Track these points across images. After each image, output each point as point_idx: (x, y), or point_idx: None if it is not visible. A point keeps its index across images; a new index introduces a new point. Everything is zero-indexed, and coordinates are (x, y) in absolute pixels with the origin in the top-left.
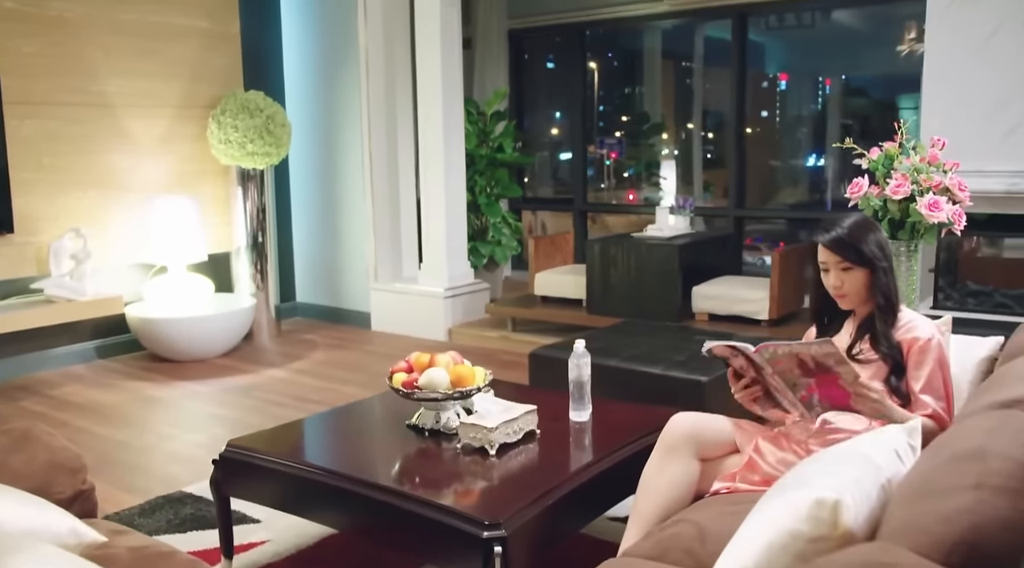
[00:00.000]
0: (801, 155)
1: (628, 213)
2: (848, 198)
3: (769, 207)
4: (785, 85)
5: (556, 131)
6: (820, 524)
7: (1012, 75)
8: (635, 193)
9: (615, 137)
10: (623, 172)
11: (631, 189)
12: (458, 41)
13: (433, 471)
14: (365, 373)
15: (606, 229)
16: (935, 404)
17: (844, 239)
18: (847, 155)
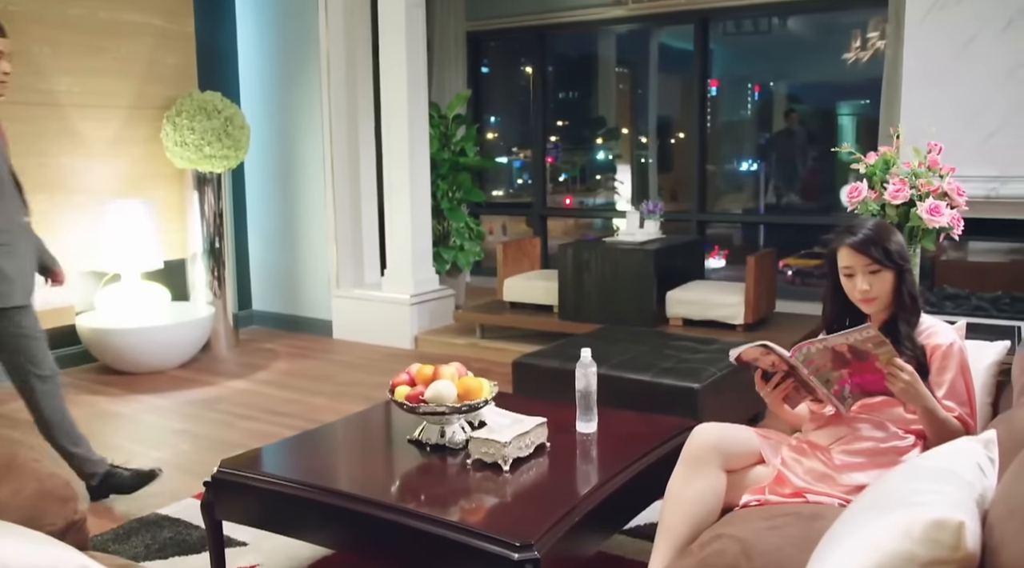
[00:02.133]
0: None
1: (590, 217)
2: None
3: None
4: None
5: (514, 135)
6: (939, 547)
7: (990, 81)
8: (571, 198)
9: (551, 142)
10: (558, 176)
11: (568, 194)
12: (422, 42)
13: (447, 489)
14: (332, 383)
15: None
16: (959, 409)
17: (873, 239)
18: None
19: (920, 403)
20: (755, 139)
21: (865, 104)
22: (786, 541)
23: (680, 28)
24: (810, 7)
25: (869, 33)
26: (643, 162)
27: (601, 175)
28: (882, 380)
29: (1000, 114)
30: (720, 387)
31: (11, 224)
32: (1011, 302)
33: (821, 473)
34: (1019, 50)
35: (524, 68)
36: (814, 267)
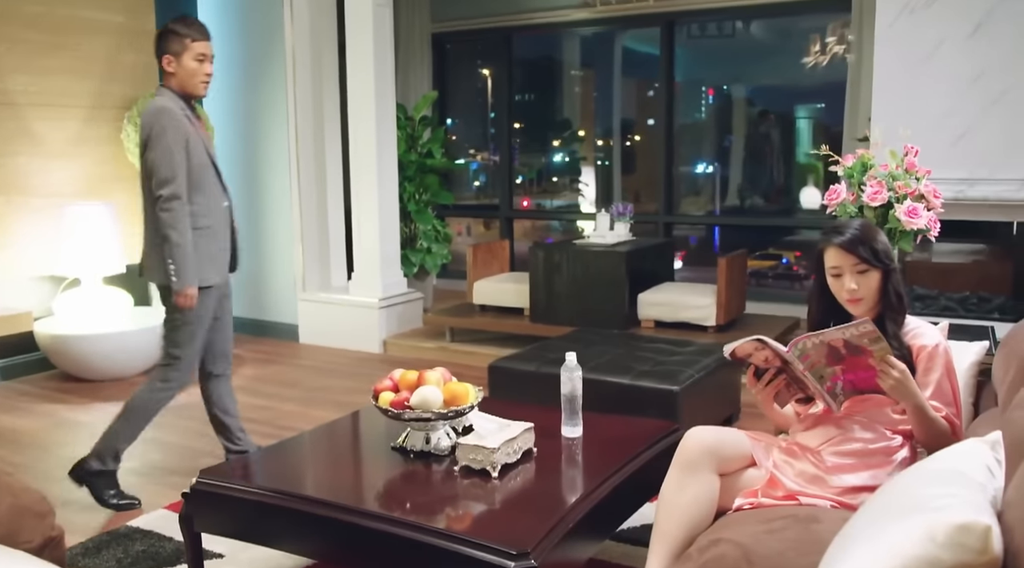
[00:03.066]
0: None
1: (556, 219)
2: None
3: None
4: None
5: (475, 137)
6: (965, 551)
7: (957, 85)
8: (528, 200)
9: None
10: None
11: (525, 196)
12: (390, 43)
13: (435, 497)
14: (302, 388)
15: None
16: (946, 409)
17: (861, 239)
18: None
19: (910, 401)
20: (713, 142)
21: (821, 108)
22: (785, 545)
23: (641, 31)
24: (773, 11)
25: (828, 38)
26: (604, 164)
27: (559, 177)
28: (874, 377)
29: (967, 118)
30: (698, 389)
31: (211, 209)
32: (979, 302)
33: (812, 475)
34: (985, 56)
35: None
36: (769, 268)
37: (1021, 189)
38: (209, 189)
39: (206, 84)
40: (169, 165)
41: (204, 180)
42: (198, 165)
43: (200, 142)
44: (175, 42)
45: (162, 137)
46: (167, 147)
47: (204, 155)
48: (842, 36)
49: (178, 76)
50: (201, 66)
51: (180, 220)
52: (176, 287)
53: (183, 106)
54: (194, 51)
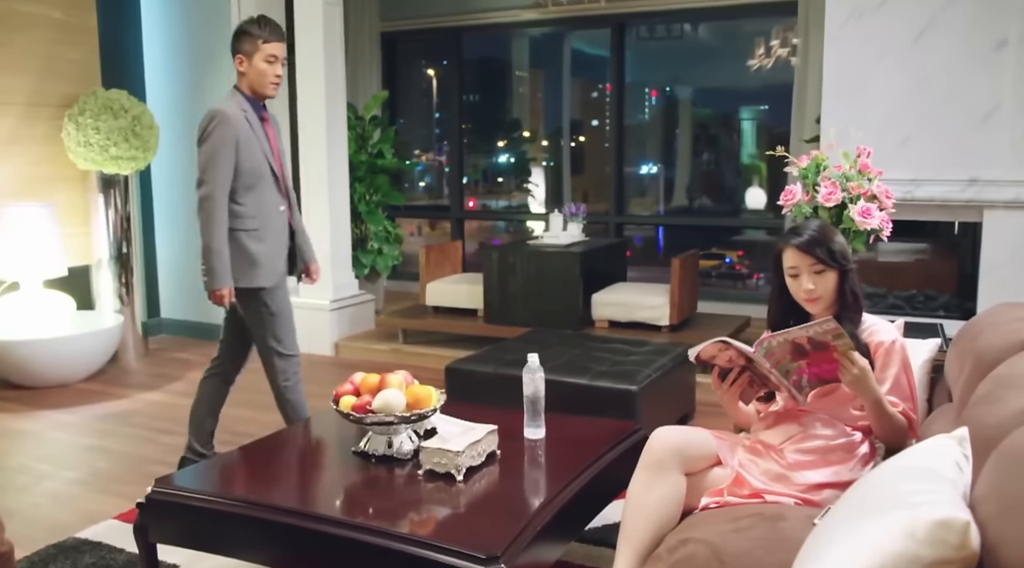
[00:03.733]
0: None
1: (508, 220)
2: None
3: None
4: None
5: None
6: (945, 547)
7: (903, 88)
8: (474, 200)
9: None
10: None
11: (470, 197)
12: (340, 42)
13: (401, 502)
14: (253, 393)
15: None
16: (903, 404)
17: (818, 240)
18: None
19: (869, 396)
20: (658, 143)
21: (764, 110)
22: (754, 543)
23: (589, 33)
24: (720, 14)
25: (772, 41)
26: (550, 165)
27: (504, 178)
28: (837, 370)
29: (914, 120)
30: (655, 389)
31: (262, 211)
32: (925, 300)
33: (777, 473)
34: (930, 60)
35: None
36: (713, 268)
37: (965, 189)
38: (263, 191)
39: (275, 85)
40: (209, 167)
41: (257, 182)
42: (251, 167)
43: (257, 144)
44: (247, 42)
45: (208, 139)
46: (211, 148)
47: (260, 158)
48: (786, 39)
49: (248, 76)
50: (271, 67)
51: (213, 221)
52: (206, 287)
53: (248, 107)
54: (265, 52)
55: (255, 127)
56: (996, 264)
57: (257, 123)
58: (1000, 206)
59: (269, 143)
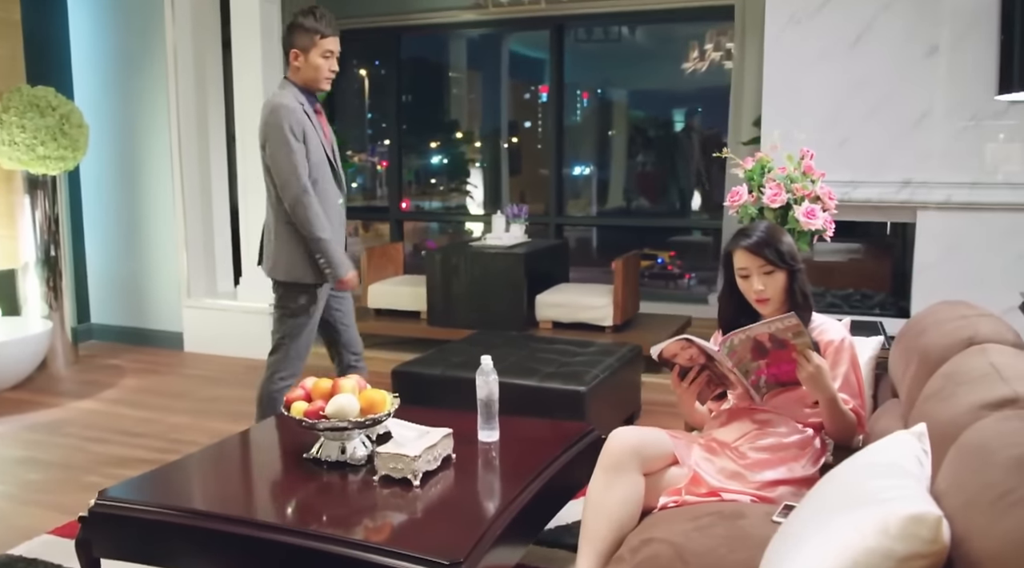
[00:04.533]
0: (581, 165)
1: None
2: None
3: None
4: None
5: (356, 138)
6: (917, 541)
7: (841, 92)
8: (408, 201)
9: (385, 145)
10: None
11: (404, 198)
12: (278, 38)
13: (359, 509)
14: (191, 399)
15: (379, 238)
16: (853, 401)
17: (767, 241)
18: (633, 164)
19: (825, 393)
20: (593, 144)
21: (698, 112)
22: (716, 541)
23: (526, 35)
24: (657, 17)
25: (706, 45)
26: (483, 166)
27: (437, 178)
28: (795, 370)
29: (851, 123)
30: (603, 389)
31: (325, 205)
32: (861, 298)
33: (733, 471)
34: (866, 65)
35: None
36: (646, 268)
37: (899, 191)
38: (324, 185)
39: (329, 80)
40: (289, 162)
41: (319, 176)
42: (315, 160)
43: (317, 137)
44: (304, 37)
45: (275, 134)
46: (283, 143)
47: (321, 151)
48: (719, 43)
49: (303, 71)
50: (327, 62)
51: (315, 214)
52: (332, 279)
53: (304, 101)
54: (322, 47)
55: (312, 118)
56: (929, 263)
57: (313, 115)
58: (932, 207)
59: (324, 135)
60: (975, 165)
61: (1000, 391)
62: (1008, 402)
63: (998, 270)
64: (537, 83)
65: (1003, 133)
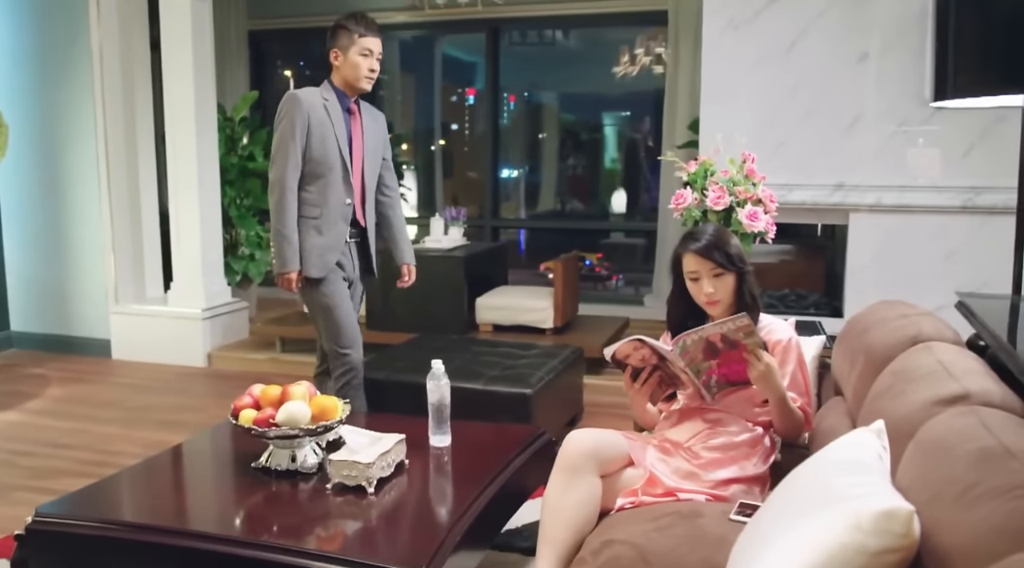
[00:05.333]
0: (512, 167)
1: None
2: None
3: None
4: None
5: None
6: (890, 536)
7: (776, 96)
8: None
9: None
10: None
11: None
12: (210, 38)
13: (314, 518)
14: (121, 409)
15: None
16: (800, 399)
17: (716, 244)
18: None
19: (775, 392)
20: (523, 147)
21: (626, 116)
22: (676, 541)
23: (457, 37)
24: (591, 21)
25: (636, 49)
26: (411, 168)
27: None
28: (746, 370)
29: (786, 128)
30: (547, 392)
31: (327, 202)
32: (796, 299)
33: (687, 471)
34: (800, 71)
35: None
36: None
37: (832, 193)
38: (331, 182)
39: (370, 79)
40: (279, 150)
41: (327, 173)
42: (320, 156)
43: (331, 133)
44: (344, 37)
45: (279, 123)
46: (281, 133)
47: (332, 147)
48: (649, 48)
49: (342, 71)
50: (365, 60)
51: (282, 205)
52: (275, 271)
53: (332, 97)
54: (361, 46)
55: (334, 116)
56: (861, 264)
57: (339, 114)
58: (864, 209)
59: (350, 136)
60: (904, 169)
61: (950, 388)
62: (959, 398)
63: (927, 270)
64: (467, 85)
65: (923, 138)
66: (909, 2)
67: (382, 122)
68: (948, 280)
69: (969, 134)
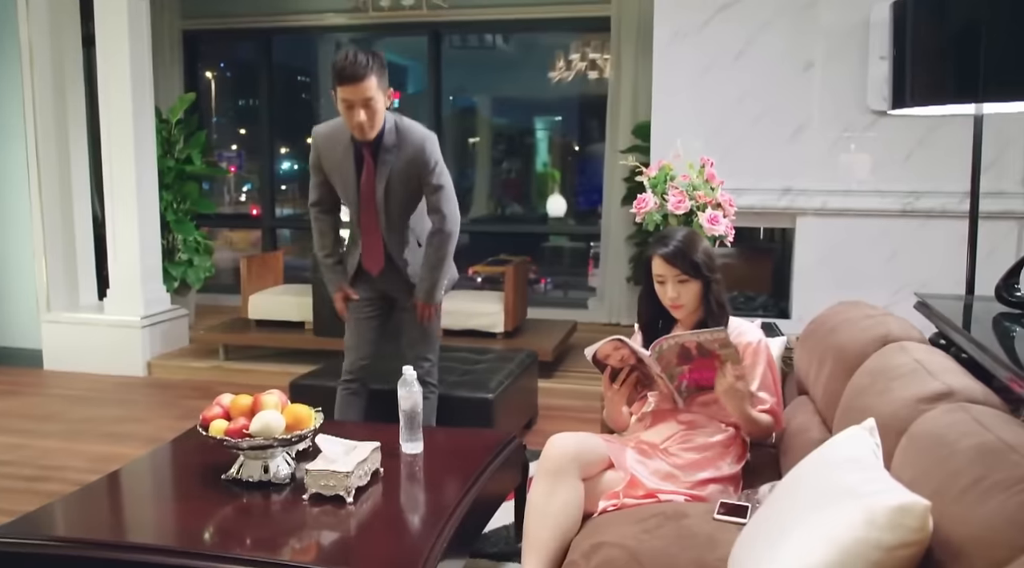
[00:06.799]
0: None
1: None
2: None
3: None
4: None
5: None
6: (906, 531)
7: (725, 103)
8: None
9: (232, 150)
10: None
11: (253, 205)
12: (147, 35)
13: (296, 530)
14: (60, 421)
15: (230, 245)
16: (770, 400)
17: (683, 251)
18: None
19: (737, 409)
20: (455, 152)
21: (558, 121)
22: (666, 542)
23: (395, 40)
24: (533, 26)
25: (571, 55)
26: None
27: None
28: (715, 378)
29: (734, 134)
30: (507, 396)
31: (352, 229)
32: (745, 300)
33: (666, 472)
34: (747, 79)
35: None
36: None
37: (780, 198)
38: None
39: (361, 129)
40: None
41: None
42: (339, 190)
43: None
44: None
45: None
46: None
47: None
48: (585, 54)
49: None
50: (350, 112)
51: (314, 231)
52: None
53: (348, 140)
54: (340, 97)
55: (343, 156)
56: (807, 266)
57: (349, 153)
58: (810, 213)
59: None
60: (847, 174)
61: (933, 386)
62: (944, 395)
63: (870, 271)
64: (398, 89)
65: (866, 144)
66: (851, 13)
67: (410, 152)
68: (890, 281)
69: (908, 141)
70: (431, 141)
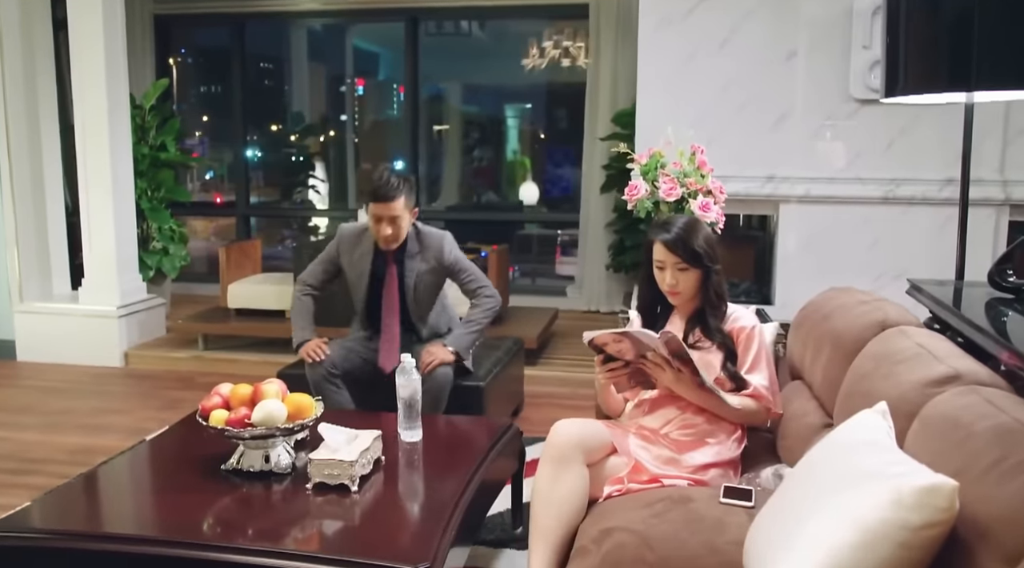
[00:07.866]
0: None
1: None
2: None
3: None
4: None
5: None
6: (933, 511)
7: (708, 91)
8: (221, 196)
9: (196, 137)
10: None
11: (216, 192)
12: (121, 19)
13: (304, 520)
14: (37, 413)
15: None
16: (759, 383)
17: (683, 239)
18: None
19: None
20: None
21: (528, 108)
22: (676, 526)
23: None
24: (509, 13)
25: (544, 42)
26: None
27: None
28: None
29: (719, 122)
30: (496, 383)
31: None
32: (729, 287)
33: (668, 457)
34: (731, 68)
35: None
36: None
37: (764, 185)
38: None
39: (384, 242)
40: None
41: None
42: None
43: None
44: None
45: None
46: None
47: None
48: (558, 42)
49: None
50: (378, 225)
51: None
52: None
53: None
54: (371, 212)
55: (363, 258)
56: (790, 253)
57: (368, 257)
58: (793, 200)
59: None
60: (830, 162)
61: (939, 369)
62: (951, 379)
63: (852, 258)
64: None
65: (848, 132)
66: (834, 3)
67: (432, 255)
68: (871, 267)
69: (890, 130)
70: (448, 241)
